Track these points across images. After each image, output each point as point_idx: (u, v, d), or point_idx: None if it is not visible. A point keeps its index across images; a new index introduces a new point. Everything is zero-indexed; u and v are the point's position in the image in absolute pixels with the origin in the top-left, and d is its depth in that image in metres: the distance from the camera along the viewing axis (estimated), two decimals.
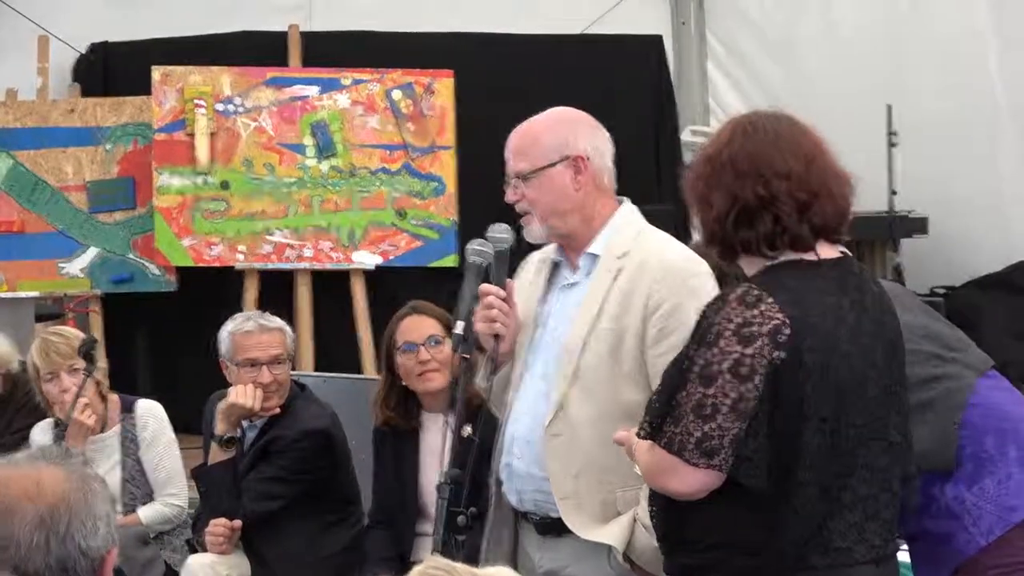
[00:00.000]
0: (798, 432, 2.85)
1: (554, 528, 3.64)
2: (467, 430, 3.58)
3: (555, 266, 3.76)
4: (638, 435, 3.00)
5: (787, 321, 2.84)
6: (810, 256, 2.97)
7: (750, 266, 3.01)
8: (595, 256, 3.65)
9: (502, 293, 3.64)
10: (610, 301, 3.57)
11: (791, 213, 2.93)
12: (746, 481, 2.84)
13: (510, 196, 3.67)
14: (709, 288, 3.56)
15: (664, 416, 2.91)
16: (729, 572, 2.93)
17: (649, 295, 3.53)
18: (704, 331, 2.89)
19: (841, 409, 2.88)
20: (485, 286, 3.65)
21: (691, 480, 2.88)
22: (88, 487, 2.36)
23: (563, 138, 3.63)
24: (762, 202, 2.93)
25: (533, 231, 3.67)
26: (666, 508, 3.02)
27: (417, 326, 4.85)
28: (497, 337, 3.66)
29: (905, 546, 3.74)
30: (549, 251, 3.78)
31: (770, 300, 2.85)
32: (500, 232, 3.69)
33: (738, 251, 2.99)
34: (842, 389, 2.88)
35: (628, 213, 3.72)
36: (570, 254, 3.71)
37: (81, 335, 5.56)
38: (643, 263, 3.58)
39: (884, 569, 3.01)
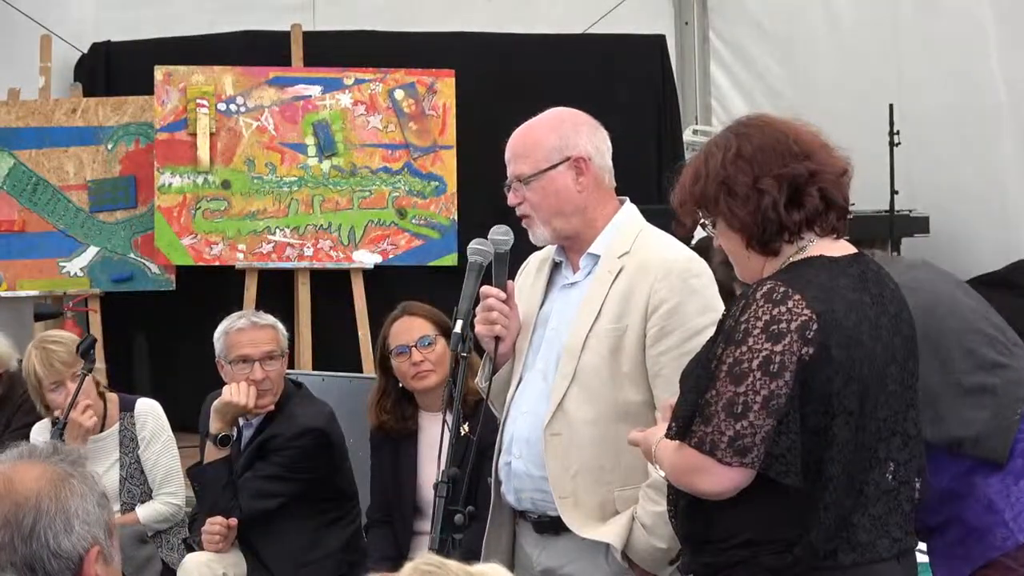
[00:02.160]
0: (827, 427, 2.86)
1: (552, 527, 3.63)
2: (464, 428, 3.58)
3: (556, 266, 3.75)
4: (667, 436, 2.99)
5: (814, 317, 2.84)
6: (830, 252, 2.98)
7: (771, 265, 3.01)
8: (596, 256, 3.64)
9: (502, 295, 3.63)
10: (610, 301, 3.57)
11: (833, 180, 2.97)
12: (780, 478, 2.84)
13: (512, 200, 3.65)
14: (710, 288, 3.55)
15: (692, 416, 2.90)
16: (758, 570, 2.93)
17: (650, 295, 3.52)
18: (731, 330, 2.89)
19: (865, 403, 2.89)
20: (486, 288, 3.63)
21: (723, 479, 2.87)
22: (64, 485, 2.32)
23: (564, 139, 3.61)
24: (811, 175, 2.95)
25: (536, 234, 3.66)
26: (690, 507, 3.01)
27: (408, 328, 4.85)
28: (497, 338, 3.65)
29: (921, 545, 3.72)
30: (550, 251, 3.77)
31: (796, 296, 2.85)
32: (500, 234, 3.68)
33: (782, 240, 2.98)
34: (866, 384, 2.89)
35: (630, 213, 3.70)
36: (571, 254, 3.70)
37: (75, 338, 5.55)
38: (643, 263, 3.57)
39: (905, 564, 3.02)
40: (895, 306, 3.01)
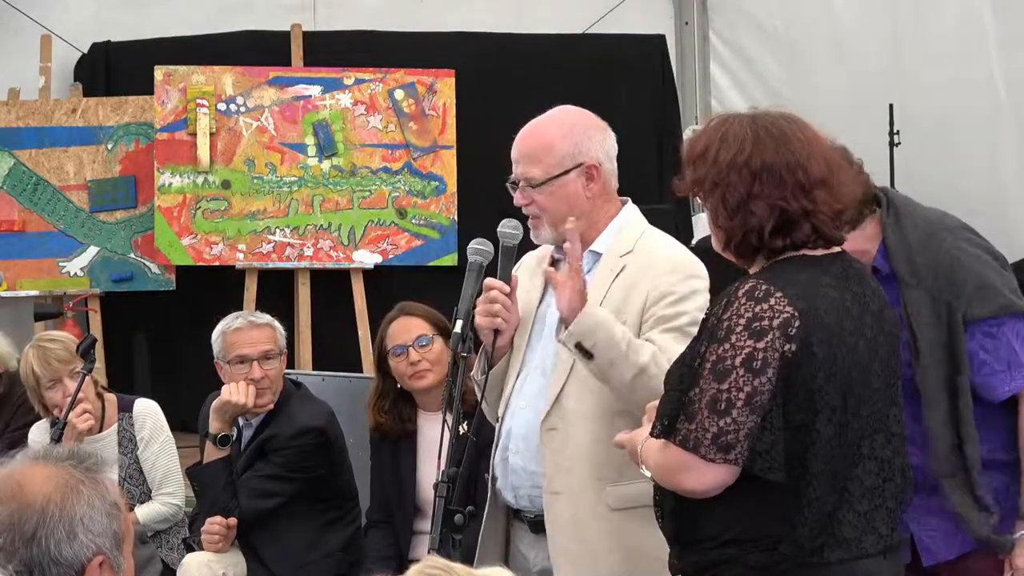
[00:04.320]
0: (811, 424, 2.87)
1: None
2: (463, 428, 3.57)
3: (554, 263, 3.75)
4: (651, 435, 2.99)
5: (796, 314, 2.85)
6: (812, 251, 2.98)
7: (754, 264, 3.01)
8: (597, 254, 3.65)
9: (506, 288, 3.62)
10: (610, 298, 3.57)
11: (827, 221, 2.96)
12: (764, 475, 2.85)
13: (519, 200, 3.63)
14: (706, 292, 3.56)
15: (676, 415, 2.91)
16: (745, 568, 2.93)
17: (650, 290, 3.54)
18: (714, 328, 2.90)
19: (848, 400, 2.90)
20: (489, 280, 3.62)
21: (708, 477, 2.87)
22: (72, 493, 2.30)
23: (577, 145, 3.60)
24: (805, 213, 2.93)
25: (542, 235, 3.65)
26: (676, 508, 3.01)
27: (405, 328, 4.85)
28: (496, 331, 3.64)
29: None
30: (548, 248, 3.77)
31: (779, 294, 2.86)
32: (510, 228, 3.67)
33: (759, 255, 2.98)
34: (849, 381, 2.90)
35: (631, 214, 3.72)
36: None
37: (72, 337, 5.54)
38: (646, 262, 3.58)
39: (891, 561, 3.03)
40: (877, 303, 3.02)
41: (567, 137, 3.61)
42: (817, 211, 2.94)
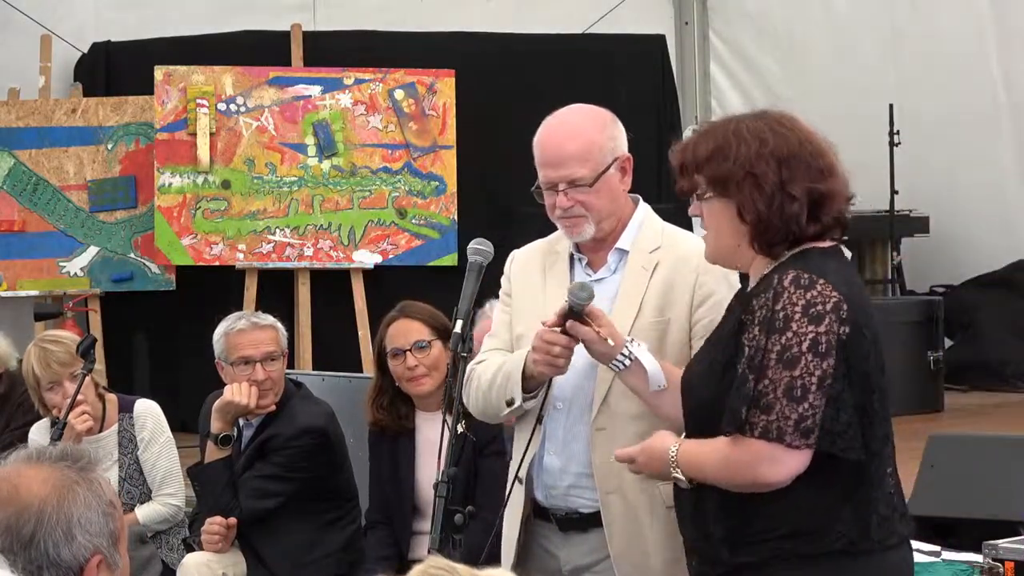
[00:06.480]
0: (868, 404, 2.94)
1: (580, 524, 3.62)
2: (461, 427, 3.56)
3: (572, 260, 3.72)
4: (725, 433, 2.98)
5: (842, 298, 2.92)
6: (821, 244, 3.03)
7: (762, 265, 3.04)
8: (623, 251, 3.64)
9: (571, 344, 3.49)
10: (651, 295, 3.56)
11: (845, 205, 3.05)
12: (844, 454, 2.90)
13: (564, 202, 3.58)
14: (738, 285, 3.59)
15: (744, 408, 2.93)
16: (797, 558, 2.97)
17: (696, 287, 3.54)
18: (769, 319, 2.93)
19: (882, 382, 2.99)
20: (554, 336, 3.47)
21: (791, 464, 2.92)
22: (68, 494, 2.29)
23: (613, 140, 3.60)
24: (831, 195, 3.00)
25: (585, 231, 3.63)
26: (723, 506, 3.03)
27: (404, 331, 4.82)
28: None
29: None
30: (533, 248, 3.76)
31: (822, 280, 2.93)
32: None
33: (784, 246, 3.02)
34: (882, 362, 2.99)
35: (648, 210, 3.72)
36: (593, 252, 3.68)
37: (75, 338, 5.54)
38: (681, 257, 3.58)
39: (907, 550, 3.10)
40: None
41: (603, 132, 3.61)
42: (841, 193, 3.03)
